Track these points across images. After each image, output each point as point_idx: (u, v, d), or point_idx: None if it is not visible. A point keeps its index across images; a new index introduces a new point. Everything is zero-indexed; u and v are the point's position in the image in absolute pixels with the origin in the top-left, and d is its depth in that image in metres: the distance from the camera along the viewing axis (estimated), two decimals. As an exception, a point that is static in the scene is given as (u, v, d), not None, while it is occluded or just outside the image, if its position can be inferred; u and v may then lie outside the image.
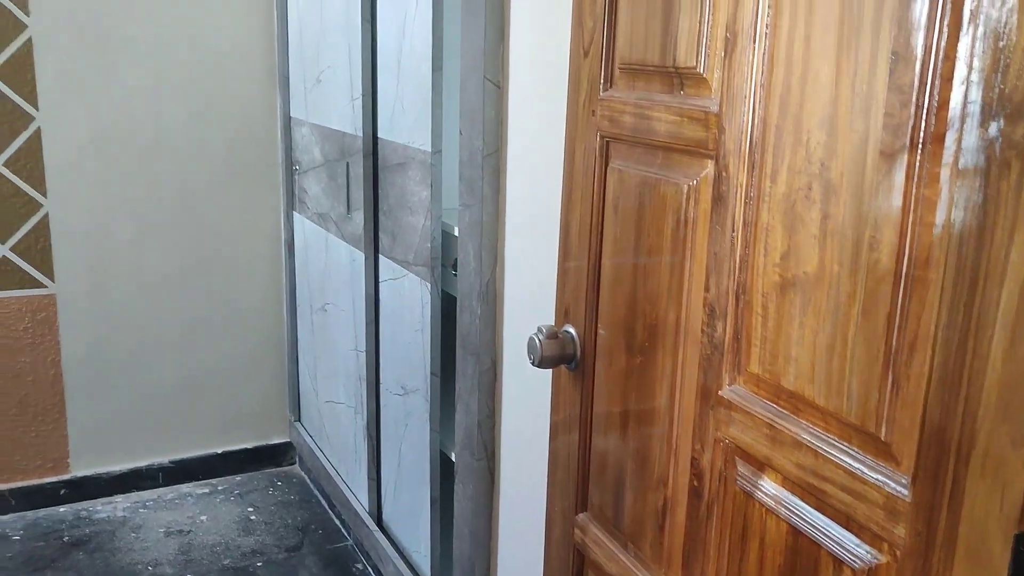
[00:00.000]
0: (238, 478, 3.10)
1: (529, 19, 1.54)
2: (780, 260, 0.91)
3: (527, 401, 1.64)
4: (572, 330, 1.32)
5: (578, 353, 1.31)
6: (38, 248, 2.71)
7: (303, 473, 3.14)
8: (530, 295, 1.61)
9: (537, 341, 1.31)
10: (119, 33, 2.70)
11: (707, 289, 1.03)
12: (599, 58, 1.21)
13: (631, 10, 1.14)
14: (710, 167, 1.02)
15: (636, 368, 1.18)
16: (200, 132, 2.87)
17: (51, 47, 2.63)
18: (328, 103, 2.55)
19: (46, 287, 2.75)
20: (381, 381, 2.43)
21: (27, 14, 2.58)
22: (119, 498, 2.94)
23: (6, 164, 2.62)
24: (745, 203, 0.95)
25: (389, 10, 2.15)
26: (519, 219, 1.63)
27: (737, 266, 0.97)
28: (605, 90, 1.21)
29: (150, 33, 2.74)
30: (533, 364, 1.32)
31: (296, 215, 2.94)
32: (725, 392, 1.01)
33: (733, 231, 0.97)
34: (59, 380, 2.82)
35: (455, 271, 1.89)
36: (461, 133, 1.74)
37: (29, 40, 2.59)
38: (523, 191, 1.61)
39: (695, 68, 1.02)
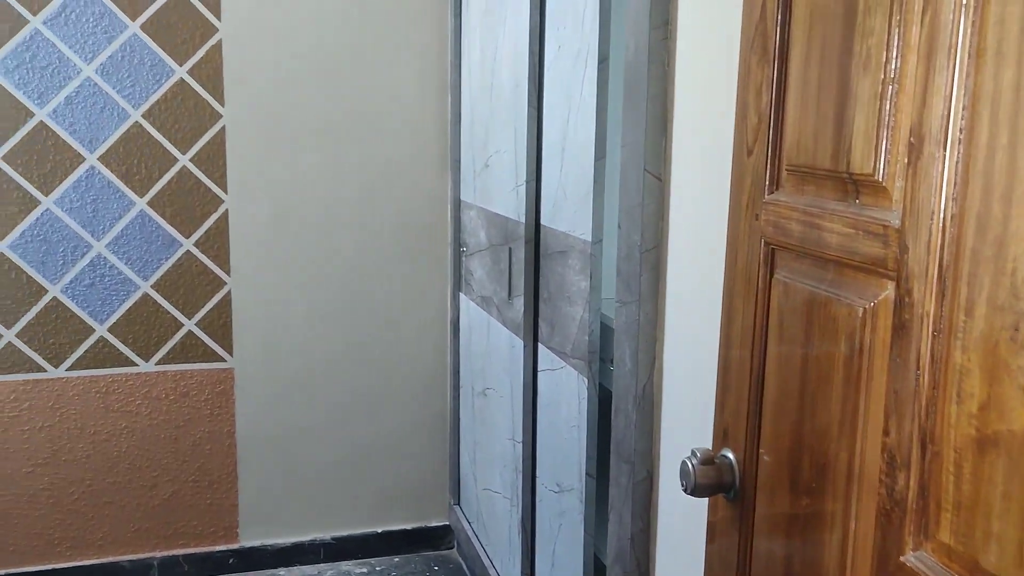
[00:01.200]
0: (396, 559, 3.08)
1: (692, 112, 1.45)
2: (978, 411, 0.75)
3: (686, 521, 1.50)
4: (731, 455, 1.18)
5: (737, 482, 1.17)
6: (220, 324, 2.84)
7: (460, 559, 3.08)
8: (690, 404, 1.48)
9: (691, 466, 1.18)
10: (301, 119, 2.83)
11: (886, 432, 0.87)
12: (764, 157, 1.09)
13: (800, 107, 1.02)
14: (890, 289, 0.87)
15: (802, 511, 1.03)
16: (373, 212, 2.94)
17: (241, 134, 2.78)
18: (494, 188, 2.54)
19: (225, 361, 2.87)
20: (537, 475, 2.34)
21: (222, 104, 2.75)
22: (282, 571, 2.99)
23: (196, 244, 2.78)
24: (933, 336, 0.80)
25: (555, 97, 2.11)
26: (679, 321, 1.51)
27: (923, 410, 0.82)
28: (770, 192, 1.09)
29: (329, 118, 2.85)
30: (686, 492, 1.19)
31: (462, 296, 2.94)
32: (908, 559, 0.84)
33: (918, 369, 0.82)
34: (233, 451, 2.92)
35: (613, 366, 1.78)
36: (620, 226, 1.65)
37: (223, 128, 2.76)
38: (684, 292, 1.49)
39: (872, 176, 0.89)
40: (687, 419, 1.48)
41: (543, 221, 2.22)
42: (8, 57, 2.55)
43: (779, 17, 1.06)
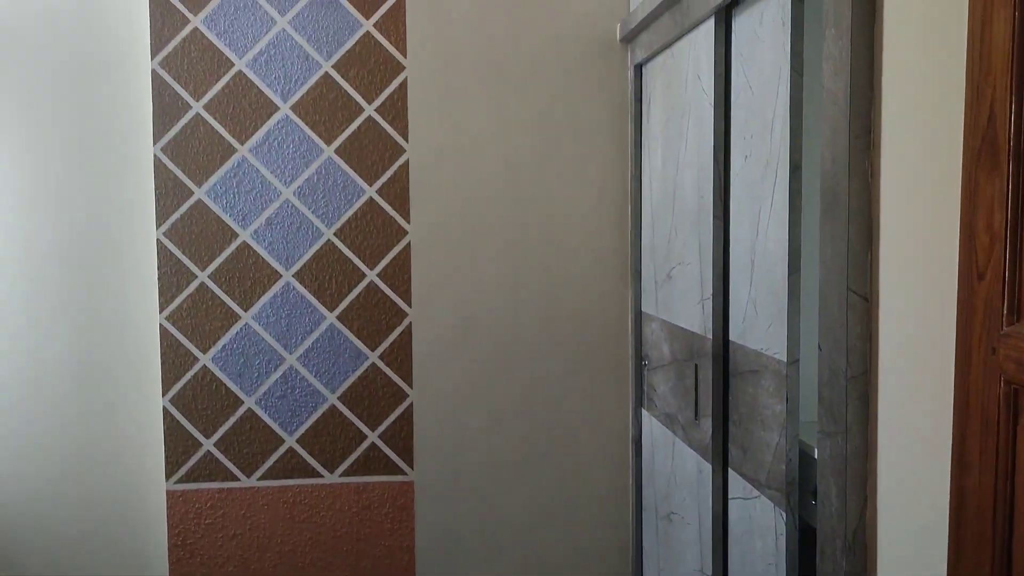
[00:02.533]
0: None
1: (902, 228, 1.31)
2: None
3: None
4: (971, 631, 1.00)
5: (980, 665, 0.98)
6: (401, 436, 2.85)
7: None
8: (913, 558, 1.29)
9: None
10: (483, 231, 2.86)
11: None
12: (1000, 283, 0.95)
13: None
14: None
15: None
16: (553, 324, 2.90)
17: (425, 248, 2.84)
18: (678, 300, 2.44)
19: (406, 474, 2.86)
20: (729, 614, 2.14)
21: (408, 220, 2.83)
22: None
23: (381, 356, 2.83)
24: None
25: (743, 208, 2.01)
26: (895, 459, 1.34)
27: None
28: (1010, 323, 0.94)
29: (511, 230, 2.87)
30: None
31: (644, 413, 2.81)
32: None
33: None
34: (412, 566, 2.88)
35: (815, 499, 1.61)
36: (820, 348, 1.51)
37: (408, 244, 2.83)
38: (900, 426, 1.32)
39: None
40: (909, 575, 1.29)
41: (732, 337, 2.09)
42: (218, 184, 2.75)
43: (1012, 120, 0.94)
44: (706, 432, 2.21)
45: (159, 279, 2.74)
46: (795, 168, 1.76)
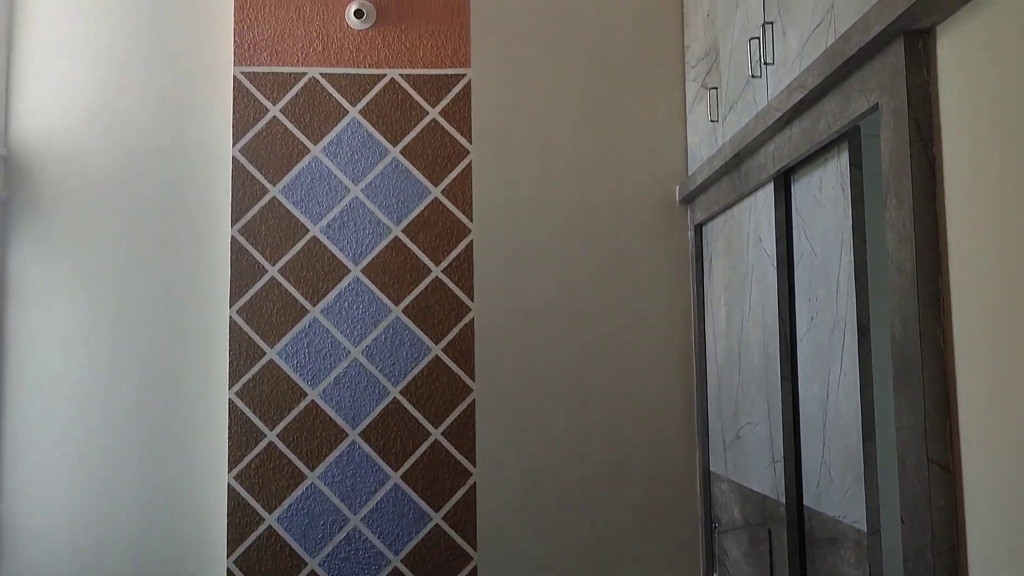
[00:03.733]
0: None
1: (983, 399, 1.28)
2: None
3: None
4: None
5: None
6: (465, 601, 2.78)
7: None
8: None
9: None
10: (548, 390, 2.87)
11: None
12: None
13: None
14: None
15: None
16: (619, 483, 2.85)
17: (490, 407, 2.85)
18: (748, 461, 2.39)
19: (469, 642, 2.77)
20: None
21: (472, 378, 2.85)
22: None
23: (445, 518, 2.80)
24: None
25: (811, 369, 1.99)
26: (991, 644, 1.26)
27: None
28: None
29: (576, 388, 2.87)
30: None
31: (716, 577, 2.70)
32: None
33: None
34: None
35: None
36: (903, 521, 1.45)
37: (472, 402, 2.85)
38: (994, 608, 1.25)
39: None
40: None
41: (806, 502, 2.03)
42: (289, 344, 2.83)
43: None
44: (784, 603, 2.11)
45: (229, 438, 2.79)
46: (863, 332, 1.75)
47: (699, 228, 2.85)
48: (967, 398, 1.32)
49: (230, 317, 2.83)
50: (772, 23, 2.03)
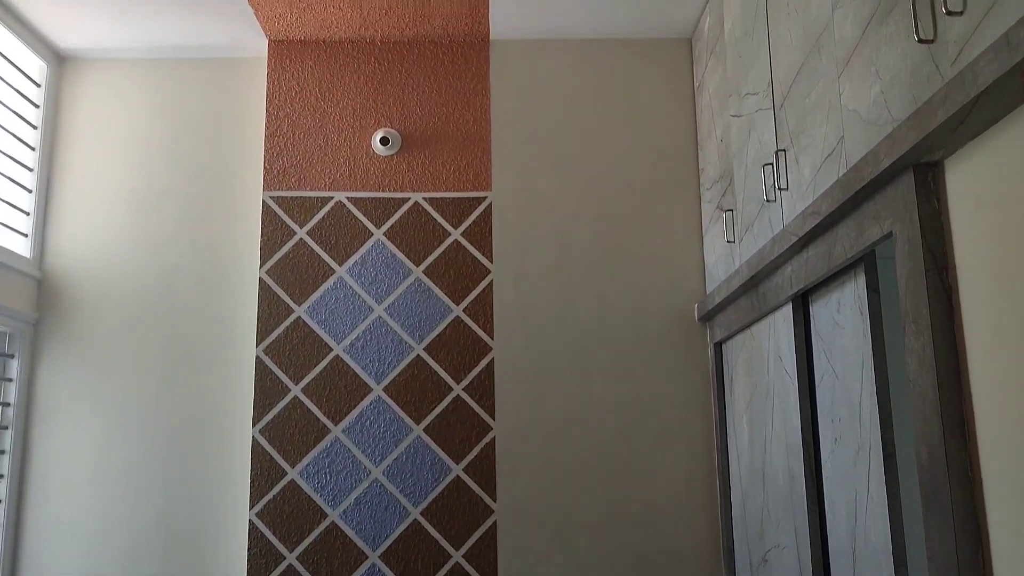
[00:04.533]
0: None
1: (1011, 519, 1.27)
2: None
3: None
4: None
5: None
6: None
7: None
8: None
9: None
10: (569, 509, 2.83)
11: None
12: None
13: None
14: None
15: None
16: (645, 610, 2.78)
17: (511, 528, 2.81)
18: (776, 586, 2.33)
19: None
20: None
21: (494, 499, 2.83)
22: None
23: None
24: None
25: (838, 493, 1.97)
26: None
27: None
28: None
29: (597, 508, 2.84)
30: None
31: None
32: None
33: None
34: None
35: None
36: (940, 655, 1.41)
37: (494, 523, 2.81)
38: None
39: None
40: None
41: (839, 631, 1.97)
42: (311, 463, 2.83)
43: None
44: None
45: (248, 560, 2.76)
46: (889, 456, 1.74)
47: (719, 346, 2.87)
48: (998, 525, 1.31)
49: (252, 437, 2.84)
50: (784, 150, 2.10)
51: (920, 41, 1.36)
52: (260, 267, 2.96)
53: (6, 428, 2.85)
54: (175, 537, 2.85)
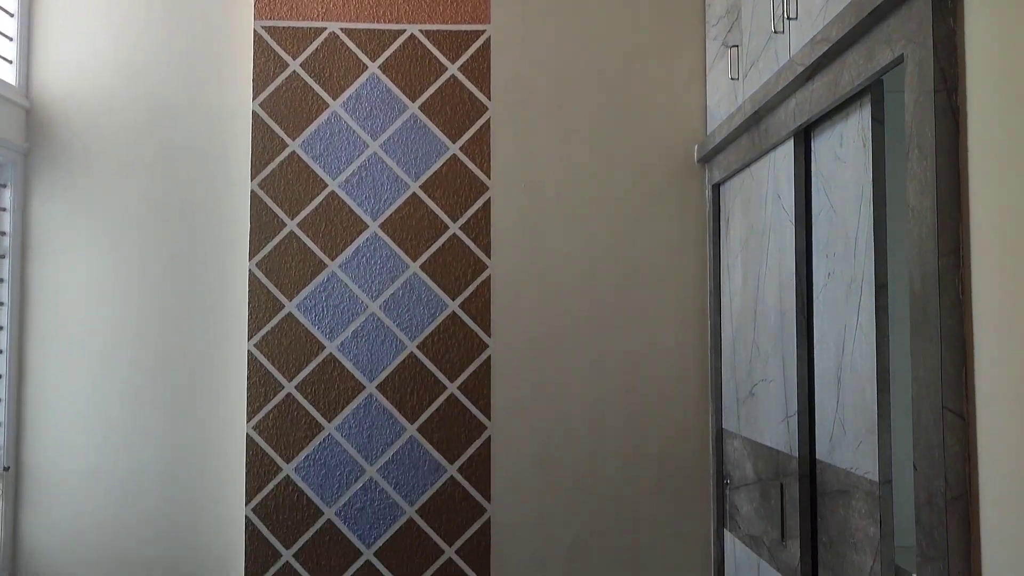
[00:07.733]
0: None
1: (998, 347, 1.30)
2: None
3: None
4: None
5: None
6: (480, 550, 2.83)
7: None
8: None
9: None
10: (563, 349, 2.89)
11: None
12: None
13: None
14: None
15: None
16: (632, 440, 2.88)
17: (506, 364, 2.88)
18: (761, 418, 2.41)
19: (482, 592, 2.83)
20: None
21: (489, 334, 2.88)
22: None
23: (460, 470, 2.84)
24: None
25: (828, 325, 2.00)
26: (1001, 586, 1.29)
27: None
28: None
29: (591, 348, 2.90)
30: None
31: (727, 534, 2.74)
32: None
33: None
34: None
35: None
36: (916, 468, 1.47)
37: (488, 358, 2.88)
38: (1007, 552, 1.28)
39: None
40: None
41: (819, 456, 2.05)
42: (307, 297, 2.86)
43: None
44: (794, 555, 2.14)
45: (248, 389, 2.83)
46: (881, 287, 1.76)
47: (717, 188, 2.86)
48: (984, 347, 1.34)
49: (249, 270, 2.86)
50: (796, -23, 2.02)
51: None
52: (253, 100, 2.89)
53: (3, 257, 2.86)
54: (176, 368, 2.91)
